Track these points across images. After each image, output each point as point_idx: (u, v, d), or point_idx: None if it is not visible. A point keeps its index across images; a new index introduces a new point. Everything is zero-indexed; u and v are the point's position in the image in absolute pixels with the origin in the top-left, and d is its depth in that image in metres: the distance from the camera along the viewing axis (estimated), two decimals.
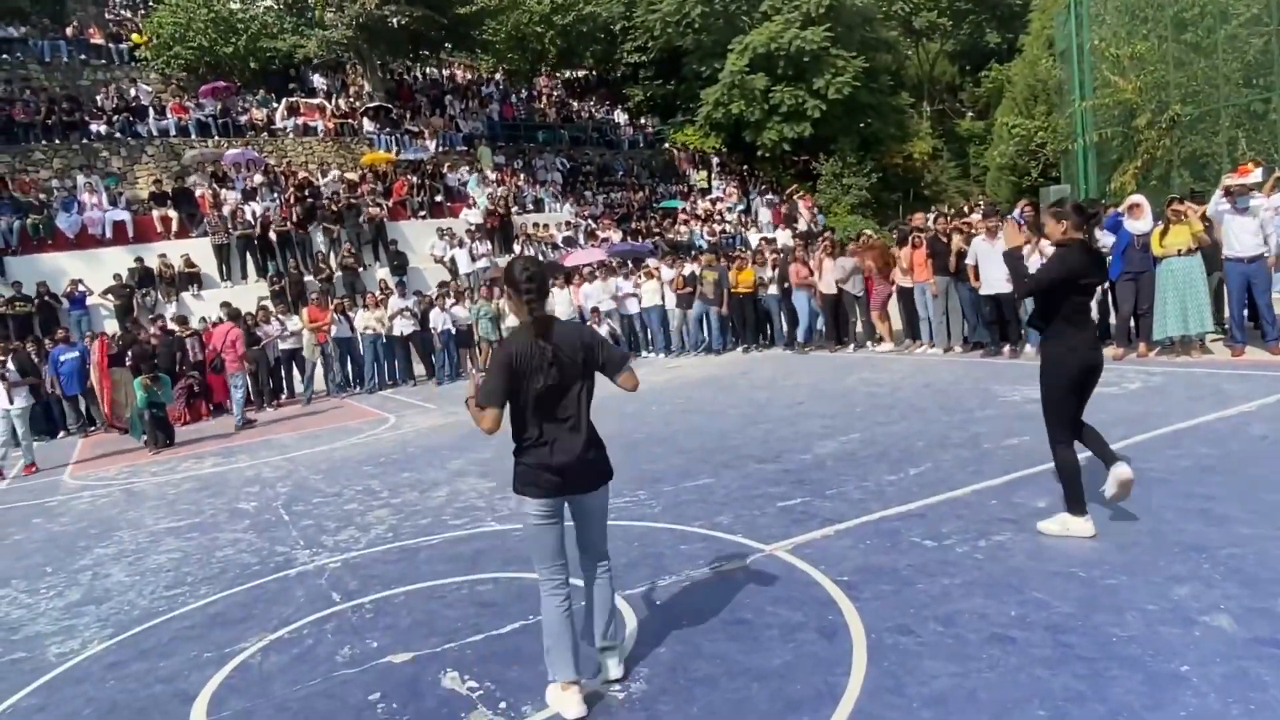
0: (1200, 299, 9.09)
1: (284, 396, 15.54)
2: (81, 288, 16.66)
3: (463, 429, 10.59)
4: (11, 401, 10.81)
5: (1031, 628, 3.64)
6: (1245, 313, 9.32)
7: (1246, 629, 3.39)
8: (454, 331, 15.83)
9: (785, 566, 4.69)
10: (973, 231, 11.29)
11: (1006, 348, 11.16)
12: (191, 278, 18.25)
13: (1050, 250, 4.61)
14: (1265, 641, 3.28)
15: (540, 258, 20.88)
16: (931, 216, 14.24)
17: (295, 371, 15.66)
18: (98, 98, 23.36)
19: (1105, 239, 10.28)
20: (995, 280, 10.84)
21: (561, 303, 15.51)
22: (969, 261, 11.17)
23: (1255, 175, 9.08)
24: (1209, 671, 3.12)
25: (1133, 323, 9.98)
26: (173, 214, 19.51)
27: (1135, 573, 4.04)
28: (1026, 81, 29.67)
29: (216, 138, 23.05)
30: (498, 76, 34.47)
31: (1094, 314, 10.31)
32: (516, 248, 21.82)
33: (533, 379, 3.29)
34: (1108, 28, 20.20)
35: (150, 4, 27.66)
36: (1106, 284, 10.00)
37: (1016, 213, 11.55)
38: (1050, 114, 27.12)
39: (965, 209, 19.62)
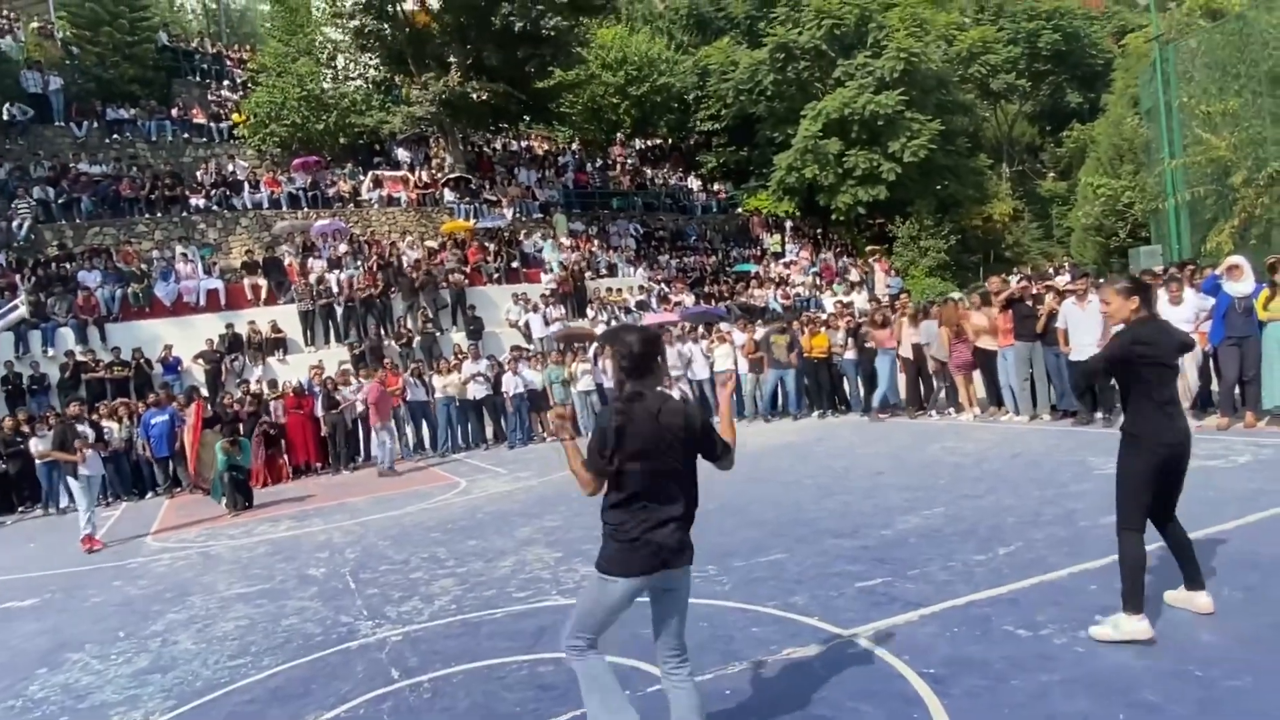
0: None
1: (360, 459, 15.74)
2: (175, 353, 17.36)
3: (533, 494, 10.51)
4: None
5: None
6: None
7: None
8: (525, 395, 15.89)
9: (865, 655, 4.38)
10: (1063, 292, 10.84)
11: (1099, 415, 10.59)
12: (277, 343, 18.84)
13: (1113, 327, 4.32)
14: None
15: (615, 322, 20.97)
16: (1015, 278, 13.79)
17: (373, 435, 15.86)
18: (198, 173, 24.70)
19: (1204, 302, 9.76)
20: (1087, 346, 10.33)
21: None
22: (1059, 325, 10.71)
23: None
24: None
25: (1238, 390, 9.37)
26: (262, 282, 20.28)
27: (1262, 673, 3.62)
28: (1111, 141, 28.95)
29: (306, 209, 24.03)
30: (574, 146, 35.32)
31: (1186, 387, 9.74)
32: (590, 312, 21.96)
33: (635, 455, 3.18)
34: (1196, 84, 19.64)
35: (250, 85, 29.31)
36: (1210, 349, 9.46)
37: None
38: (1137, 173, 26.35)
39: (1050, 270, 19.01)
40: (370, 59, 28.66)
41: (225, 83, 31.15)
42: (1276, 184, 17.09)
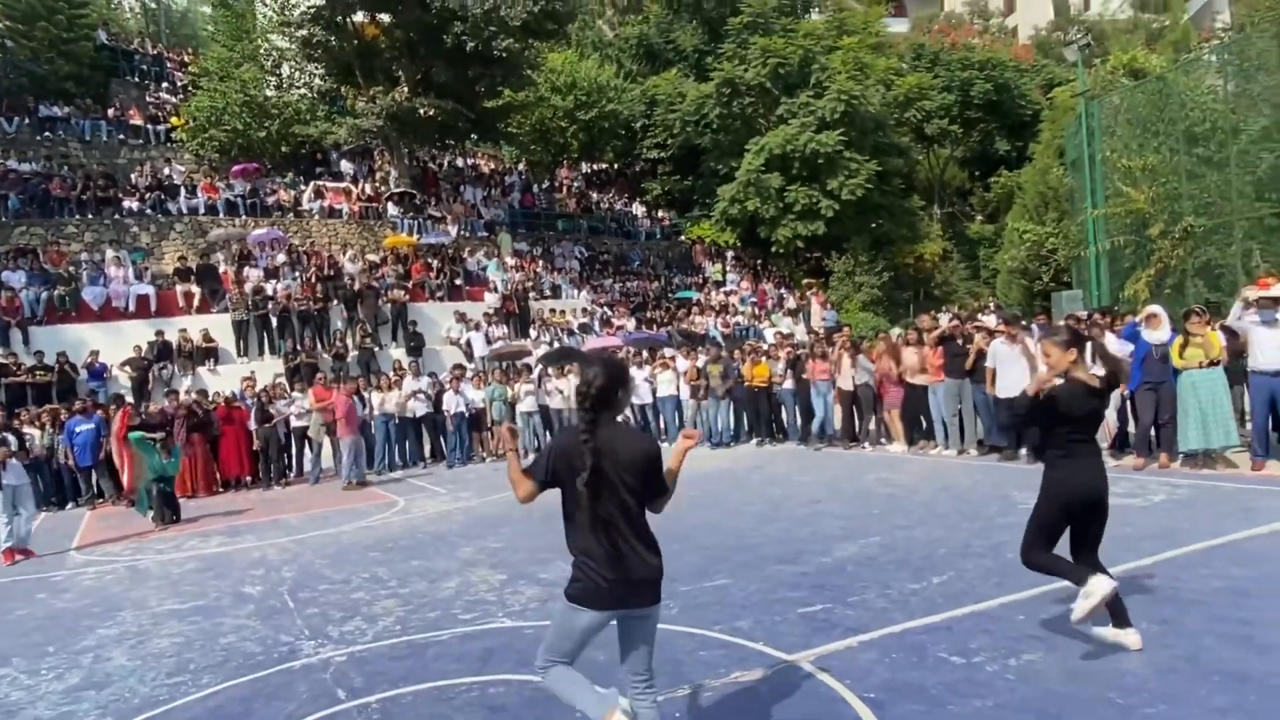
0: (1223, 412, 9.01)
1: (292, 474, 15.42)
2: (101, 360, 16.81)
3: (474, 515, 10.48)
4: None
5: None
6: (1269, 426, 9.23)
7: None
8: (467, 414, 15.81)
9: (809, 679, 4.54)
10: (994, 332, 11.32)
11: (1023, 451, 11.04)
12: (209, 352, 18.40)
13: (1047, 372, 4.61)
14: None
15: (555, 343, 21.05)
16: (945, 316, 14.33)
17: (307, 449, 15.58)
18: (133, 176, 24.06)
19: (1123, 348, 10.29)
20: (1013, 384, 10.80)
21: (570, 388, 15.51)
22: (988, 364, 11.16)
23: (1277, 289, 9.11)
24: None
25: (1154, 433, 9.90)
26: (195, 289, 19.81)
27: (1176, 701, 3.88)
28: (1037, 188, 30.16)
29: (244, 217, 23.58)
30: (520, 167, 35.39)
31: (1105, 429, 10.26)
32: (533, 332, 21.99)
33: (575, 477, 3.22)
34: (1118, 139, 20.66)
35: (190, 89, 28.70)
36: (1126, 393, 9.96)
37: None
38: (1061, 220, 27.50)
39: (977, 310, 19.75)
40: (316, 69, 28.36)
41: (165, 85, 30.46)
42: (1190, 238, 18.06)
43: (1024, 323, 12.49)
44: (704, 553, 7.43)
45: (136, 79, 30.06)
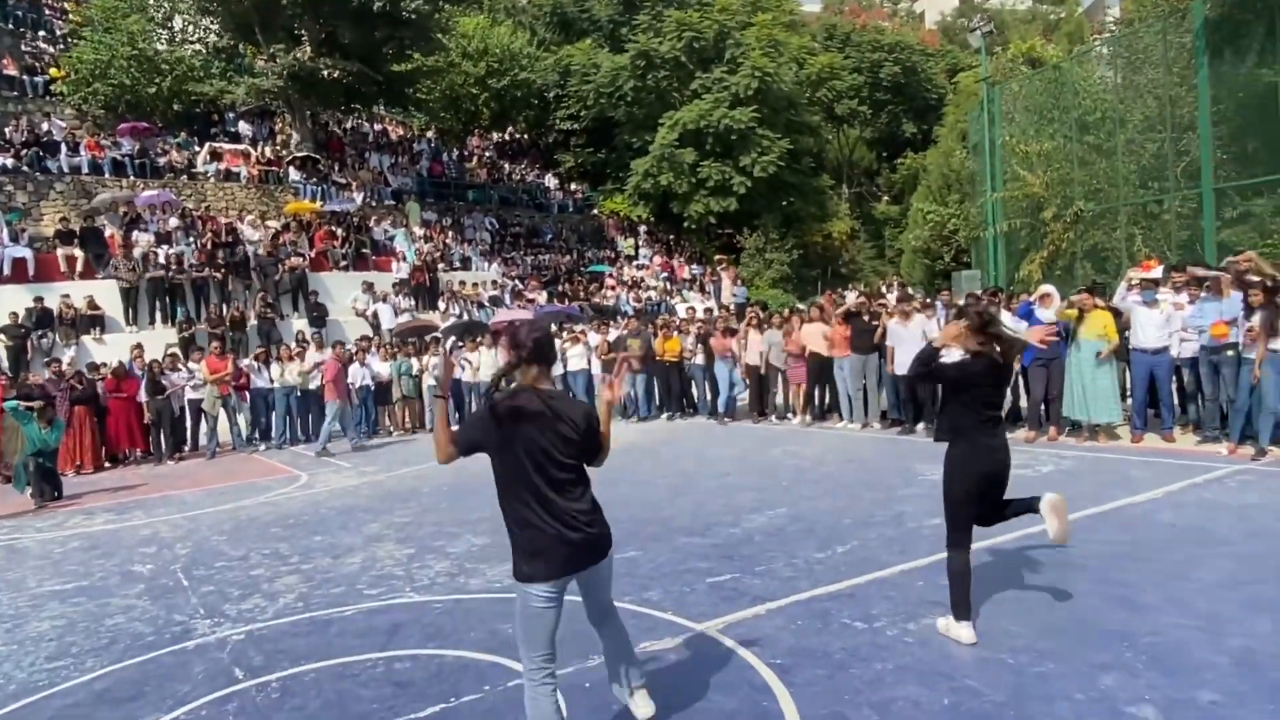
0: (1107, 388, 9.49)
1: (187, 448, 14.78)
2: None
3: (380, 489, 10.25)
4: None
5: (966, 717, 3.62)
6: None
7: None
8: (373, 387, 15.42)
9: (717, 647, 4.60)
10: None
11: (921, 426, 11.44)
12: (94, 320, 17.38)
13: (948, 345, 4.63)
14: None
15: (465, 316, 20.68)
16: (853, 294, 14.66)
17: (203, 423, 14.93)
18: (7, 130, 22.37)
19: (1017, 325, 10.72)
20: (908, 360, 11.16)
21: (487, 363, 15.30)
22: (888, 343, 11.50)
23: (1157, 271, 9.63)
24: None
25: (1044, 407, 10.37)
26: (78, 253, 18.63)
27: (1062, 660, 4.08)
28: (941, 171, 31.15)
29: (132, 178, 22.28)
30: (429, 134, 34.50)
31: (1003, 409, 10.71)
32: (442, 304, 21.55)
33: (519, 442, 3.16)
34: (1016, 125, 21.46)
35: (72, 39, 26.81)
36: (1019, 369, 10.39)
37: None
38: (963, 202, 28.47)
39: (882, 288, 20.32)
40: (212, 23, 26.90)
41: (42, 33, 28.34)
42: (1080, 222, 18.95)
43: (927, 299, 12.87)
44: (615, 526, 7.28)
45: (10, 25, 27.89)
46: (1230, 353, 8.68)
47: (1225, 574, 5.08)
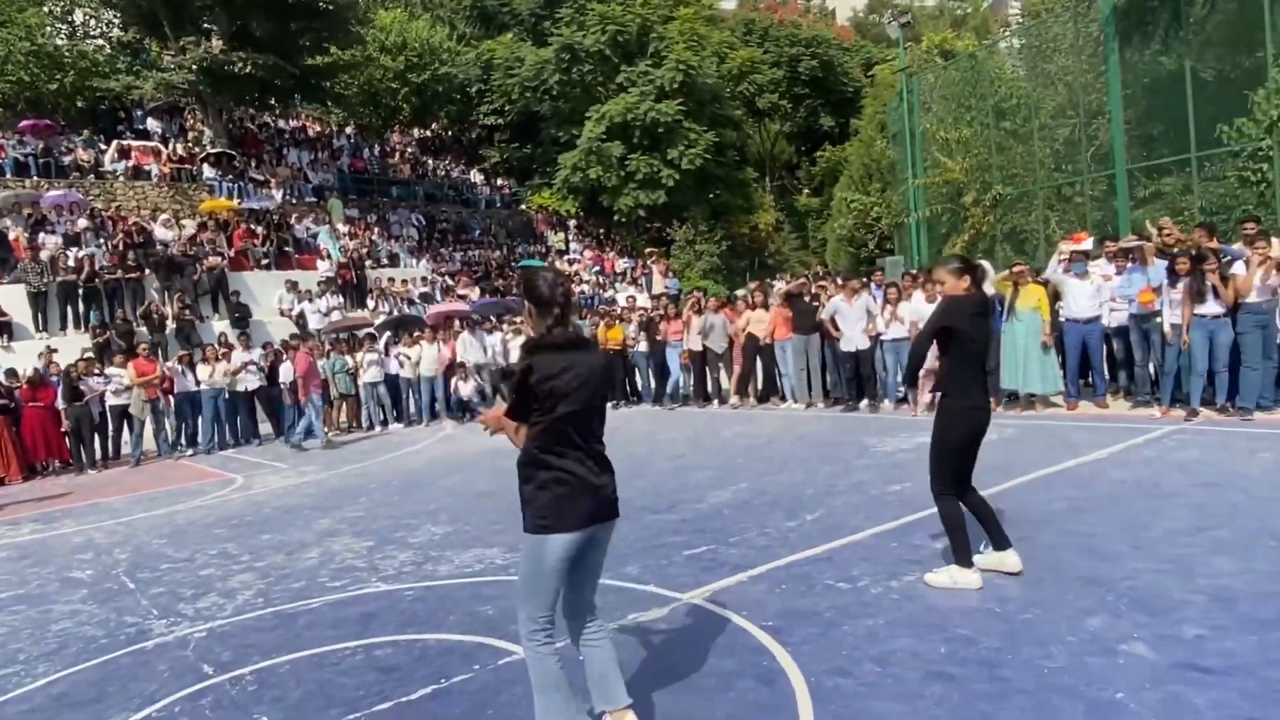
0: (1043, 359, 9.81)
1: (105, 457, 14.04)
2: None
3: (324, 487, 9.93)
4: None
5: (965, 664, 3.67)
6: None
7: (1164, 655, 3.56)
8: None
9: (706, 614, 4.57)
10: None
11: (865, 403, 11.65)
12: (1, 327, 16.40)
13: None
14: (1184, 665, 3.45)
15: (396, 313, 20.22)
16: (780, 284, 14.85)
17: (126, 430, 14.22)
18: None
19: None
20: (854, 337, 11.40)
21: (428, 358, 14.99)
22: (824, 316, 11.68)
23: (1088, 243, 10.00)
24: (1142, 697, 3.23)
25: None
26: None
27: (1047, 607, 4.18)
28: (863, 160, 31.77)
29: (36, 178, 21.10)
30: (349, 130, 33.64)
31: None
32: (371, 303, 21.03)
33: (563, 400, 3.04)
34: (934, 114, 22.06)
35: None
36: None
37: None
38: (885, 190, 29.12)
39: (819, 275, 20.67)
40: (115, 16, 25.67)
41: None
42: (999, 205, 19.59)
43: (864, 280, 13.11)
44: None
45: None
46: (1158, 319, 9.07)
47: (1183, 522, 5.29)
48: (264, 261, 21.59)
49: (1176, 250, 9.18)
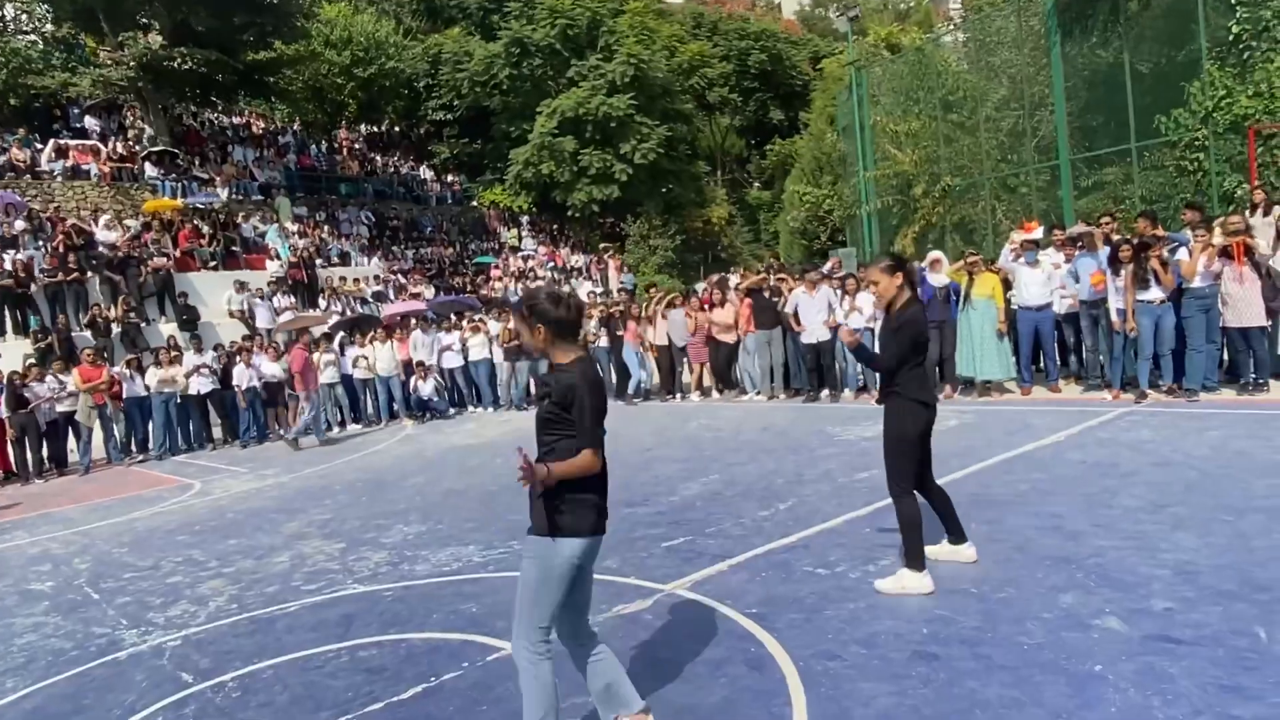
0: (999, 346, 10.06)
1: (51, 466, 13.63)
2: None
3: (288, 490, 9.79)
4: None
5: (948, 643, 3.78)
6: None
7: (1136, 628, 3.70)
8: (261, 388, 14.65)
9: (690, 604, 4.64)
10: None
11: (825, 393, 11.83)
12: None
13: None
14: (1156, 638, 3.59)
15: (349, 312, 19.94)
16: (734, 278, 14.97)
17: (72, 437, 13.82)
18: None
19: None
20: (815, 329, 11.56)
21: (384, 358, 14.83)
22: (788, 310, 11.84)
23: (1038, 232, 10.28)
24: (1120, 669, 3.36)
25: (939, 367, 10.91)
26: None
27: (1020, 586, 4.32)
28: (813, 154, 32.16)
29: None
30: (295, 126, 33.01)
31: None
32: (323, 302, 20.71)
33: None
34: (883, 107, 22.40)
35: None
36: None
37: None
38: (836, 183, 29.51)
39: (774, 268, 20.87)
40: (48, 11, 24.81)
41: None
42: (948, 196, 19.99)
43: (823, 272, 13.30)
44: None
45: None
46: (1107, 305, 9.36)
47: (1142, 500, 5.49)
48: (211, 262, 21.10)
49: (1117, 239, 9.47)
